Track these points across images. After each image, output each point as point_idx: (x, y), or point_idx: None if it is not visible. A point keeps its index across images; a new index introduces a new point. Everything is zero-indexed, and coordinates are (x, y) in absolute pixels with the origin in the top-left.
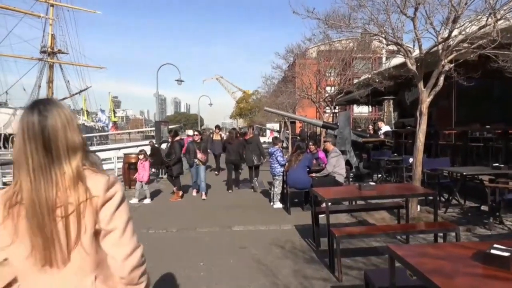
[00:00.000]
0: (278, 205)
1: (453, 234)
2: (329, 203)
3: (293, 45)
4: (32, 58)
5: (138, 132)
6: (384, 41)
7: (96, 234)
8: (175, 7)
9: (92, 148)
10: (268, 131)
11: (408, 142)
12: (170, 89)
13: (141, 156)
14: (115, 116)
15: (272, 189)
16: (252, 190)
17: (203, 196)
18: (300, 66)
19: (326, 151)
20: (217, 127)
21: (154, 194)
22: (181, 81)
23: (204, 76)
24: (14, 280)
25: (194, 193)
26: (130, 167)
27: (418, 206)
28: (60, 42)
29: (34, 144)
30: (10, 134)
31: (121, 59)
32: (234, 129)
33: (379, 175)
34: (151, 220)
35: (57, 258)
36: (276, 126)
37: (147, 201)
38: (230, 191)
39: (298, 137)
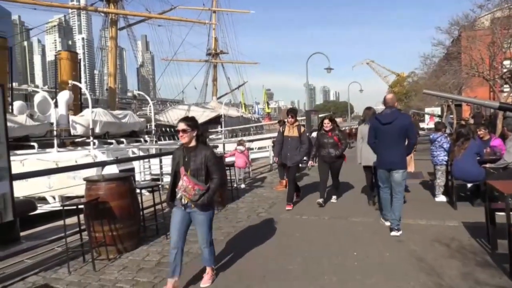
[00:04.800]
0: (441, 198)
1: None
2: (510, 200)
3: (459, 16)
4: (200, 61)
5: None
6: None
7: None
8: None
9: (250, 138)
10: (427, 116)
11: None
12: (319, 78)
13: (242, 148)
14: (268, 108)
15: (435, 180)
16: None
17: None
18: (468, 39)
19: (504, 138)
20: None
21: (305, 182)
22: (331, 69)
23: (354, 62)
24: None
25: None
26: None
27: None
28: (222, 43)
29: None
30: None
31: (273, 53)
32: None
33: None
34: (304, 206)
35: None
36: (437, 110)
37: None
38: None
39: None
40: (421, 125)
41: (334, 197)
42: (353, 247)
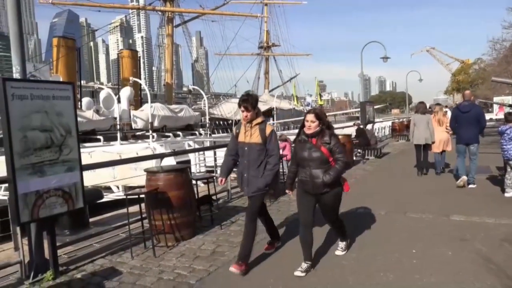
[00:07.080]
0: (511, 194)
1: None
2: None
3: None
4: (252, 54)
5: (343, 114)
6: None
7: None
8: None
9: None
10: (496, 106)
11: None
12: (374, 68)
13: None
14: (321, 100)
15: (506, 175)
16: None
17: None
18: None
19: None
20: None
21: (360, 175)
22: (387, 58)
23: (412, 50)
24: None
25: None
26: None
27: None
28: (273, 36)
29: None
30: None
31: (325, 44)
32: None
33: None
34: (357, 200)
35: None
36: (507, 99)
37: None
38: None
39: None
40: (489, 115)
41: (340, 245)
42: (412, 244)
